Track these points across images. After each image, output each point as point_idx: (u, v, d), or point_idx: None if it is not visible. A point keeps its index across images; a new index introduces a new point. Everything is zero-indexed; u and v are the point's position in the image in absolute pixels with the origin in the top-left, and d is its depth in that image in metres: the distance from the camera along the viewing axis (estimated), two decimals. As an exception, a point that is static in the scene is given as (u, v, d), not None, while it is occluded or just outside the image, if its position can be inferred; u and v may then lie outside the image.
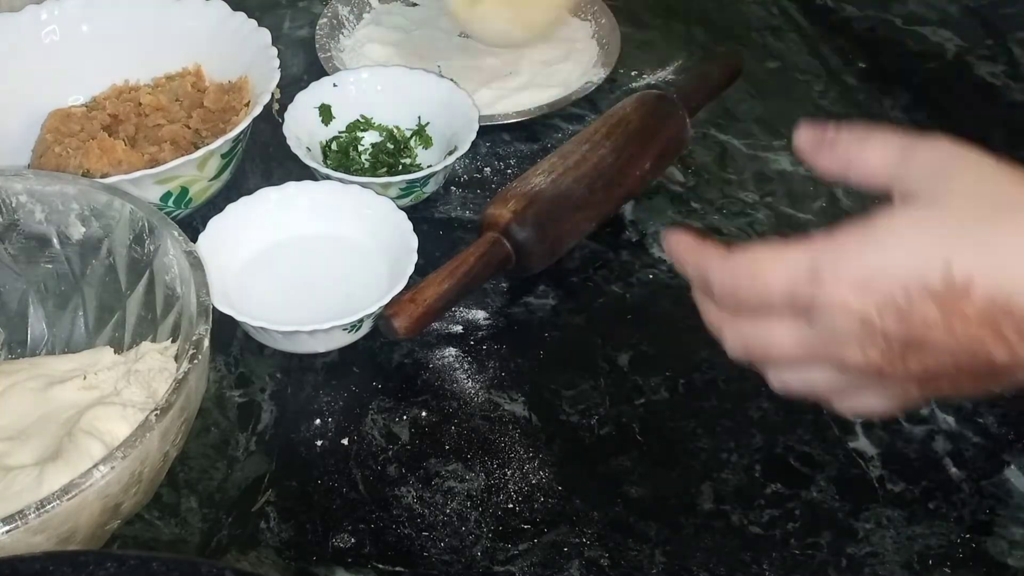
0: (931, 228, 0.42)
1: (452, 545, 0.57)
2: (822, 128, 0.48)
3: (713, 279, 0.46)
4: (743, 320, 0.46)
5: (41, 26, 0.79)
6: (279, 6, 0.94)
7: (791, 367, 0.46)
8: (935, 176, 0.43)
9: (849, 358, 0.43)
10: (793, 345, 0.45)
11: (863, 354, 0.43)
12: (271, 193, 0.70)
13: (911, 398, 0.46)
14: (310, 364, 0.66)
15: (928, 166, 0.44)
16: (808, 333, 0.44)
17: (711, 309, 0.47)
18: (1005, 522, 0.58)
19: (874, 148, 0.46)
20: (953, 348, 0.42)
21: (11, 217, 0.61)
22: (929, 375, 0.43)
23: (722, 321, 0.47)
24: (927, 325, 0.41)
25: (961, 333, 0.41)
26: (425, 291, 0.64)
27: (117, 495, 0.49)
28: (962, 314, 0.41)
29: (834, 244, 0.43)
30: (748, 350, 0.47)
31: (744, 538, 0.58)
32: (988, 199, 0.42)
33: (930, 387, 0.44)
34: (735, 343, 0.47)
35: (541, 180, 0.70)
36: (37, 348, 0.63)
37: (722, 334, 0.47)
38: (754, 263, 0.45)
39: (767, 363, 0.47)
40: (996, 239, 0.41)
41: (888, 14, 0.95)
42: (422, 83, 0.79)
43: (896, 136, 0.46)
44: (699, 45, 0.91)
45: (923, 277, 0.41)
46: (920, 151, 0.44)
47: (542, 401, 0.65)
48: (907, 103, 0.85)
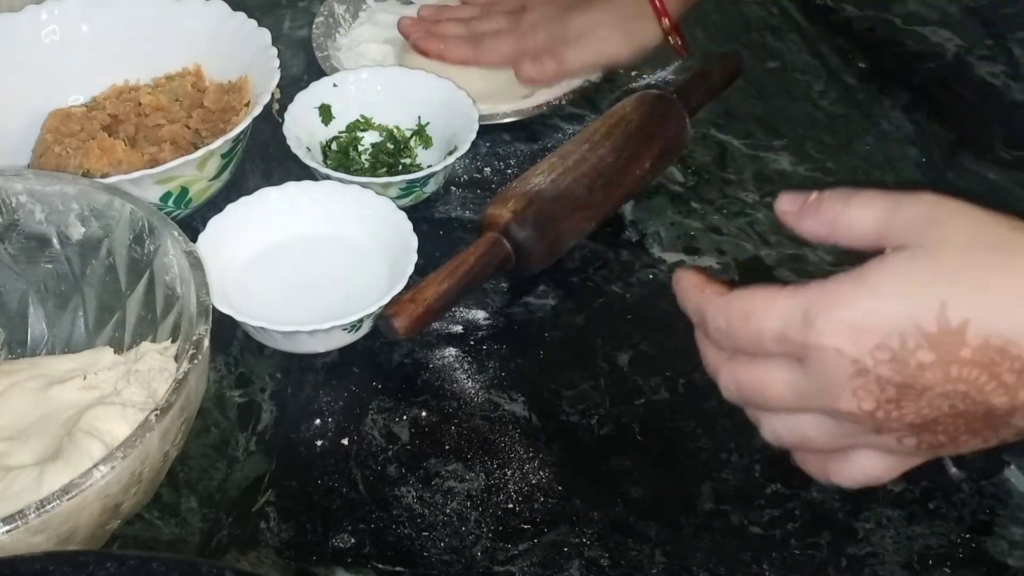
0: (925, 272, 0.41)
1: (452, 545, 0.57)
2: (803, 193, 0.47)
3: (709, 320, 0.46)
4: (738, 362, 0.46)
5: (41, 26, 0.79)
6: (279, 6, 0.94)
7: (783, 414, 0.46)
8: (925, 226, 0.43)
9: (842, 406, 0.43)
10: (785, 389, 0.44)
11: (856, 402, 0.42)
12: (271, 193, 0.70)
13: (907, 452, 0.45)
14: (310, 364, 0.66)
15: (916, 218, 0.43)
16: (801, 378, 0.44)
17: (709, 350, 0.48)
18: (1005, 522, 0.58)
19: (859, 208, 0.45)
20: (949, 393, 0.41)
21: (11, 217, 0.61)
22: (925, 424, 0.43)
23: (718, 362, 0.47)
24: (922, 369, 0.41)
25: (957, 377, 0.41)
26: (425, 291, 0.64)
27: (117, 495, 0.49)
28: (958, 357, 0.40)
29: (827, 290, 0.43)
30: (741, 392, 0.47)
31: (744, 538, 0.58)
32: (980, 243, 0.42)
33: (927, 439, 0.43)
34: (729, 384, 0.47)
35: (541, 180, 0.70)
36: (37, 348, 0.63)
37: (717, 375, 0.47)
38: (748, 305, 0.45)
39: (759, 407, 0.47)
40: (991, 281, 0.41)
41: (888, 14, 0.95)
42: (422, 83, 0.79)
43: (880, 194, 0.45)
44: (699, 45, 0.91)
45: (918, 320, 0.40)
46: (906, 205, 0.44)
47: (542, 401, 0.65)
48: (907, 103, 0.85)
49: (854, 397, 0.42)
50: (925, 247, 0.42)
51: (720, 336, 0.46)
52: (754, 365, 0.45)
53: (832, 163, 0.80)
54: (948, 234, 0.42)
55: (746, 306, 0.45)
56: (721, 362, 0.47)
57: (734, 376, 0.46)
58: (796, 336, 0.43)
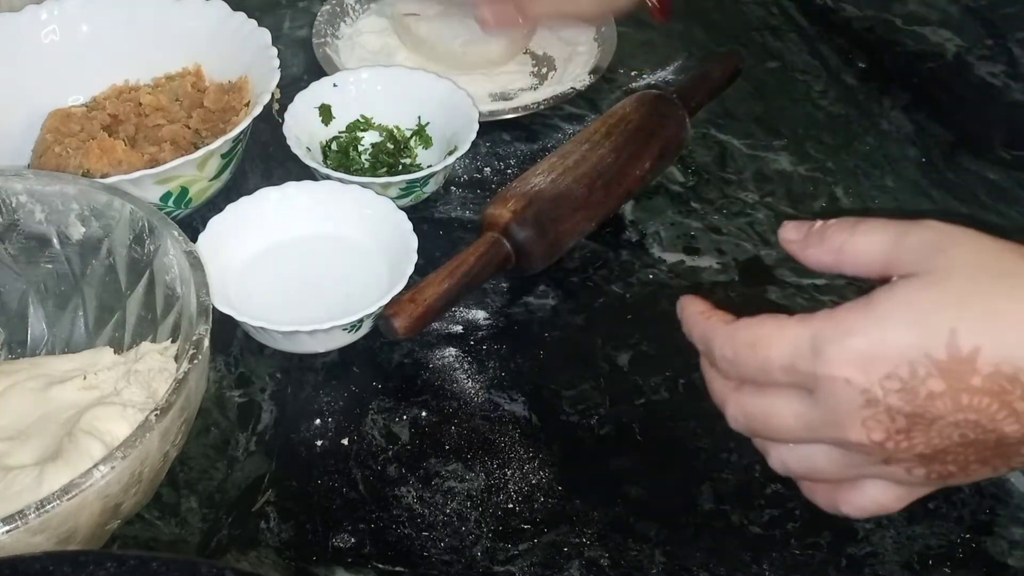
0: (934, 300, 0.41)
1: (452, 545, 0.57)
2: (806, 221, 0.47)
3: (715, 348, 0.45)
4: (745, 392, 0.46)
5: (41, 26, 0.79)
6: (279, 6, 0.94)
7: (791, 444, 0.46)
8: (932, 254, 0.42)
9: (852, 436, 0.42)
10: (794, 420, 0.44)
11: (866, 432, 0.42)
12: (271, 193, 0.70)
13: (917, 483, 0.44)
14: (310, 364, 0.66)
15: (923, 245, 0.43)
16: (809, 408, 0.43)
17: (715, 380, 0.47)
18: (1005, 522, 0.58)
19: (865, 235, 0.44)
20: (960, 422, 0.41)
21: (11, 217, 0.61)
22: (935, 454, 0.42)
23: (725, 392, 0.47)
24: (933, 398, 0.40)
25: (968, 405, 0.40)
26: (425, 291, 0.64)
27: (117, 495, 0.49)
28: (968, 385, 0.40)
29: (835, 319, 0.42)
30: (749, 422, 0.46)
31: (744, 538, 0.58)
32: (989, 270, 0.41)
33: (937, 469, 0.43)
34: (736, 415, 0.46)
35: (541, 180, 0.70)
36: (37, 348, 0.63)
37: (724, 405, 0.47)
38: (756, 334, 0.44)
39: (767, 438, 0.47)
40: (1001, 308, 0.40)
41: (888, 14, 0.95)
42: (422, 83, 0.79)
43: (885, 222, 0.45)
44: (699, 45, 0.91)
45: (927, 348, 0.40)
46: (913, 233, 0.43)
47: (542, 401, 0.65)
48: (907, 103, 0.85)
49: (864, 428, 0.42)
50: (933, 274, 0.42)
51: (727, 365, 0.45)
52: (762, 395, 0.45)
53: (832, 163, 0.80)
54: (955, 261, 0.42)
55: (753, 335, 0.44)
56: (728, 392, 0.46)
57: (741, 407, 0.46)
58: (805, 366, 0.42)
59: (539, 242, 0.68)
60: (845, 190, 0.78)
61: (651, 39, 0.92)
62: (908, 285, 0.42)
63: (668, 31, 0.93)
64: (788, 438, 0.45)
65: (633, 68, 0.88)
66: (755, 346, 0.44)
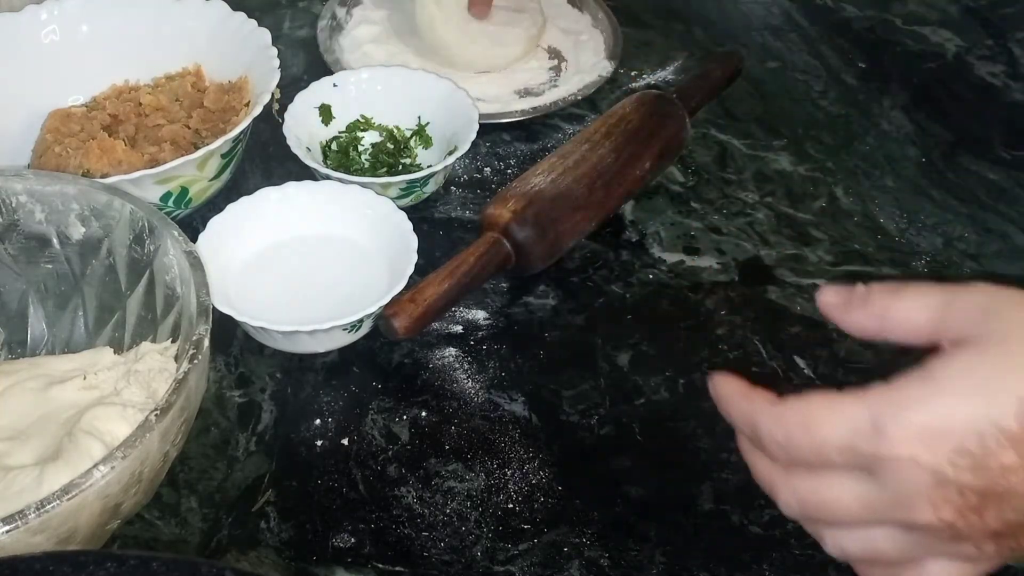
0: (996, 366, 0.39)
1: (452, 545, 0.57)
2: (848, 286, 0.44)
3: (763, 431, 0.42)
4: (798, 475, 0.42)
5: (41, 26, 0.79)
6: (279, 6, 0.94)
7: (851, 528, 0.42)
8: (984, 318, 0.40)
9: (919, 517, 0.39)
10: (855, 503, 0.41)
11: (935, 512, 0.39)
12: (271, 193, 0.70)
13: (986, 559, 0.41)
14: (310, 364, 0.66)
15: (974, 310, 0.40)
16: (872, 490, 0.40)
17: (762, 462, 0.44)
18: (1005, 522, 0.58)
19: (911, 300, 0.42)
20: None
21: (11, 217, 0.61)
22: (1009, 530, 0.39)
23: (774, 476, 0.43)
24: (1006, 472, 0.38)
25: None
26: (425, 291, 0.64)
27: (117, 495, 0.49)
28: None
29: (894, 394, 0.39)
30: (804, 508, 0.43)
31: (744, 538, 0.58)
32: None
33: (1008, 544, 0.40)
34: (790, 500, 0.43)
35: (541, 180, 0.70)
36: (37, 348, 0.63)
37: (775, 490, 0.43)
38: (808, 414, 0.41)
39: (825, 523, 0.43)
40: None
41: (888, 14, 0.95)
42: (422, 83, 0.79)
43: (932, 286, 0.42)
44: (699, 45, 0.91)
45: (996, 419, 0.38)
46: (962, 297, 0.41)
47: (542, 401, 0.65)
48: (907, 103, 0.86)
49: (932, 508, 0.39)
50: (988, 340, 0.39)
51: (777, 449, 0.42)
52: (817, 479, 0.42)
53: (832, 163, 0.81)
54: (1012, 325, 0.39)
55: (805, 415, 0.41)
56: (777, 475, 0.43)
57: (796, 492, 0.43)
58: (866, 447, 0.39)
59: (539, 242, 0.68)
60: (845, 190, 0.78)
61: (651, 39, 0.92)
62: (966, 352, 0.40)
63: (668, 31, 0.93)
64: (848, 522, 0.42)
65: (633, 68, 0.88)
66: (808, 427, 0.41)
